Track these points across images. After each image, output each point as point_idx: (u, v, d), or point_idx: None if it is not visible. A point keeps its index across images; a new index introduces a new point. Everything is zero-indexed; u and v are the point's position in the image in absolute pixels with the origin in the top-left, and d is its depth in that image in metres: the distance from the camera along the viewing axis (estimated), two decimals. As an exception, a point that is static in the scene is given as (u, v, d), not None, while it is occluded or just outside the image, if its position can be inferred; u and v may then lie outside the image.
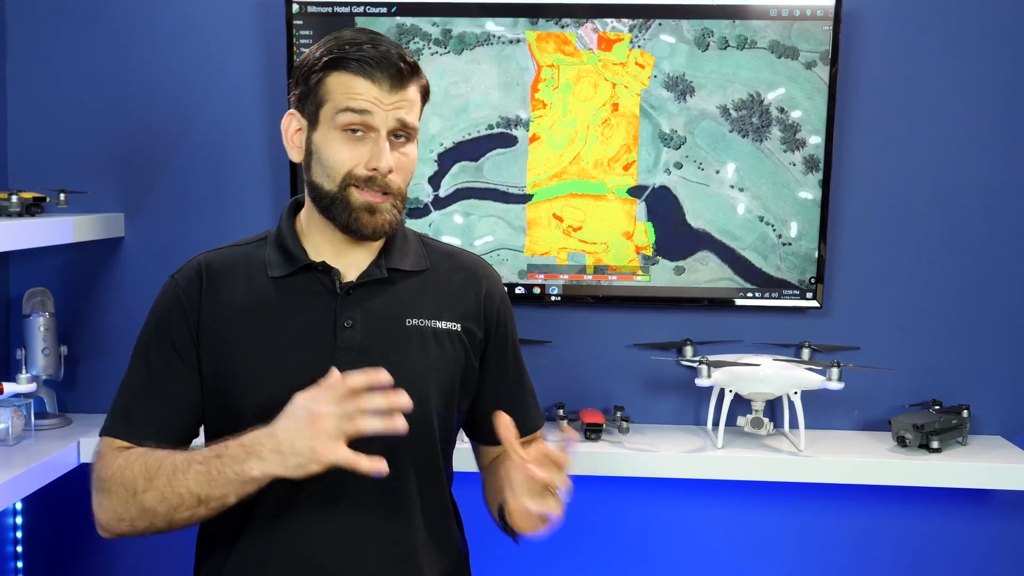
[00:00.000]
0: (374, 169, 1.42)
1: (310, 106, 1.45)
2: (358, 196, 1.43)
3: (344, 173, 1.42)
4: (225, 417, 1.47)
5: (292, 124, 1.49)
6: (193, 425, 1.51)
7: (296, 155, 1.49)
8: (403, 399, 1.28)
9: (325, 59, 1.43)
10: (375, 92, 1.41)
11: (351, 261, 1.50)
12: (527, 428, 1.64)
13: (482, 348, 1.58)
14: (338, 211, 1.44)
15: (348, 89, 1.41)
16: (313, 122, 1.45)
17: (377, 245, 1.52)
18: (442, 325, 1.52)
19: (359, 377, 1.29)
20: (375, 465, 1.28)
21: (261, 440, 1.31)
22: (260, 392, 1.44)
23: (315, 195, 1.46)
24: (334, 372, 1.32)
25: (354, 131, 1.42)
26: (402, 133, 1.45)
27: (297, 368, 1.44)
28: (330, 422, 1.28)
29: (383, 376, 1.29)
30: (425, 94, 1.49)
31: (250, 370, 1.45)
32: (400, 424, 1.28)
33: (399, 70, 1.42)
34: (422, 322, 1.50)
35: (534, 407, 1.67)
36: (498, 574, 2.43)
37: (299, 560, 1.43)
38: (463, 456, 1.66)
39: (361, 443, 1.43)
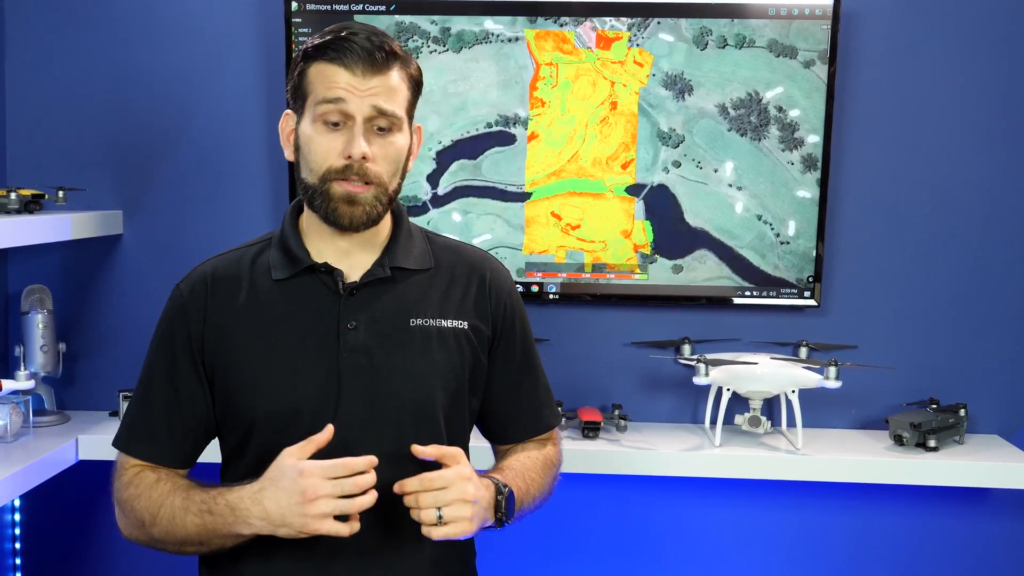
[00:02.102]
0: (348, 156, 1.40)
1: (298, 100, 1.45)
2: (338, 188, 1.41)
3: (325, 168, 1.41)
4: (237, 424, 1.47)
5: (288, 124, 1.49)
6: (199, 437, 1.51)
7: (289, 154, 1.49)
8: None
9: (306, 50, 1.44)
10: (349, 79, 1.40)
11: (354, 261, 1.49)
12: (539, 428, 1.64)
13: (490, 345, 1.57)
14: (319, 203, 1.43)
15: (325, 78, 1.41)
16: (300, 116, 1.45)
17: (381, 243, 1.51)
18: (448, 324, 1.51)
19: (360, 461, 1.33)
20: (352, 529, 1.33)
21: (248, 507, 1.34)
22: (267, 398, 1.44)
23: (303, 190, 1.46)
24: (329, 431, 1.36)
25: (335, 124, 1.41)
26: (383, 122, 1.43)
27: (302, 373, 1.44)
28: (326, 505, 1.31)
29: (372, 461, 1.34)
30: (415, 84, 1.47)
31: (256, 377, 1.45)
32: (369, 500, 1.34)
33: (372, 56, 1.40)
34: (427, 322, 1.49)
35: (548, 405, 1.65)
36: (497, 571, 2.43)
37: (306, 563, 1.43)
38: (480, 454, 1.66)
39: (365, 439, 1.44)
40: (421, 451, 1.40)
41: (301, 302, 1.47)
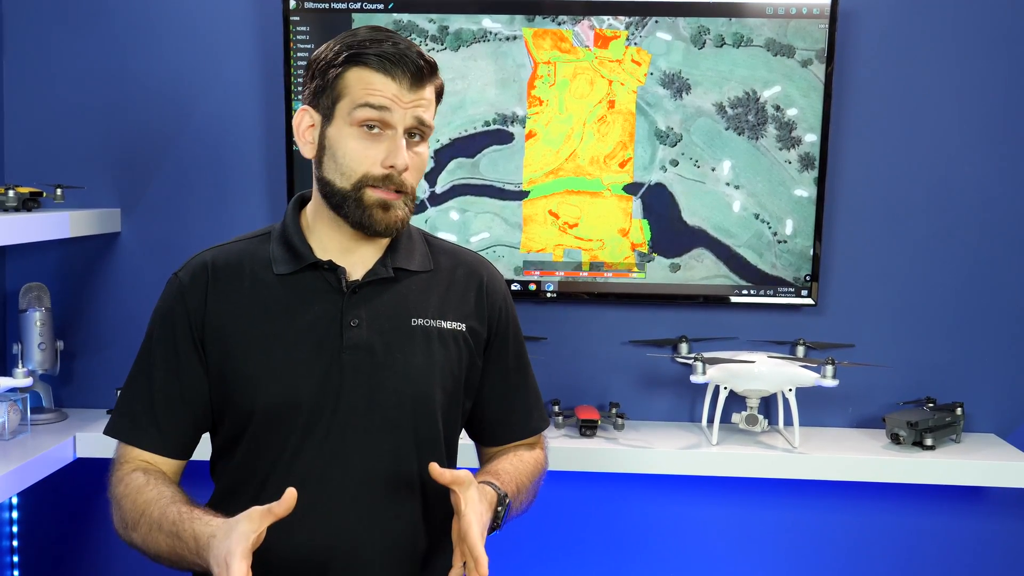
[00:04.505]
0: (391, 167, 1.41)
1: (326, 100, 1.44)
2: (372, 194, 1.42)
3: (361, 174, 1.42)
4: (233, 416, 1.47)
5: (304, 120, 1.48)
6: (200, 425, 1.51)
7: (308, 151, 1.48)
8: None
9: (345, 54, 1.42)
10: (394, 89, 1.41)
11: (357, 259, 1.50)
12: (527, 431, 1.65)
13: (485, 347, 1.58)
14: (350, 208, 1.43)
15: (367, 85, 1.41)
16: (328, 117, 1.44)
17: (383, 243, 1.52)
18: (447, 325, 1.52)
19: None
20: None
21: (204, 546, 1.30)
22: (266, 392, 1.44)
23: (326, 191, 1.45)
24: (289, 501, 1.27)
25: (371, 127, 1.41)
26: (417, 132, 1.44)
27: (303, 367, 1.44)
28: None
29: None
30: (439, 95, 1.49)
31: (255, 369, 1.45)
32: None
33: (419, 68, 1.42)
34: (427, 322, 1.50)
35: (537, 409, 1.66)
36: (495, 570, 2.43)
37: (303, 558, 1.43)
38: (466, 452, 1.66)
39: (364, 435, 1.45)
40: (439, 474, 1.37)
41: (303, 297, 1.48)
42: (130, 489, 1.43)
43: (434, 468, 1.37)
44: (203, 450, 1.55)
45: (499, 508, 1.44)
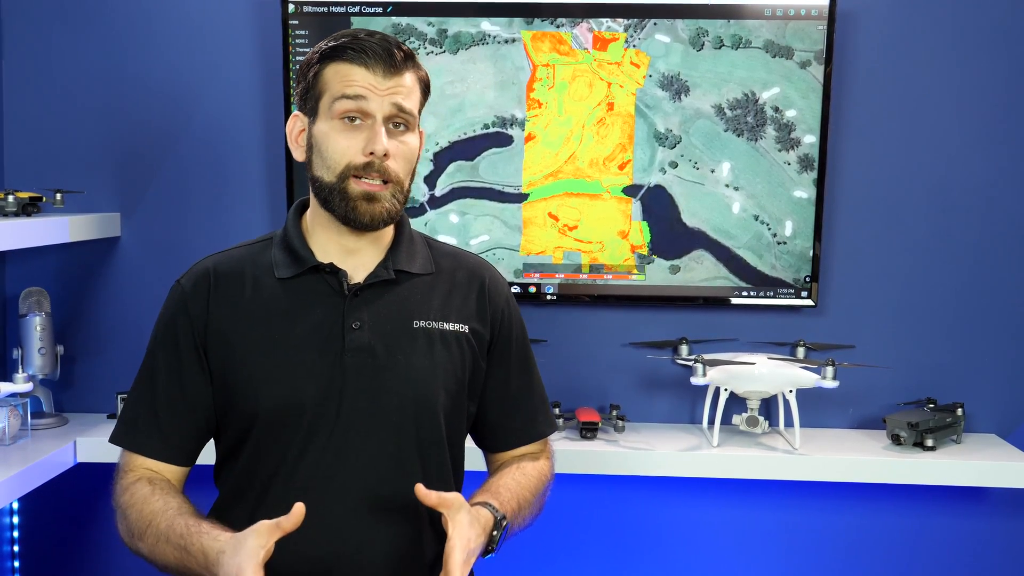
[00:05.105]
0: (371, 153, 1.42)
1: (310, 100, 1.46)
2: (356, 186, 1.43)
3: (344, 165, 1.43)
4: (236, 420, 1.47)
5: (296, 125, 1.50)
6: (204, 431, 1.51)
7: (299, 154, 1.50)
8: None
9: (322, 51, 1.45)
10: (369, 78, 1.42)
11: (358, 262, 1.50)
12: (532, 435, 1.64)
13: (488, 349, 1.58)
14: (337, 202, 1.44)
15: (343, 77, 1.43)
16: (313, 115, 1.46)
17: (384, 246, 1.53)
18: (449, 327, 1.52)
19: None
20: None
21: (214, 561, 1.30)
22: (269, 395, 1.44)
23: (316, 188, 1.47)
24: (298, 515, 1.30)
25: (351, 119, 1.43)
26: (400, 121, 1.45)
27: (305, 370, 1.45)
28: None
29: None
30: (425, 87, 1.50)
31: (258, 373, 1.45)
32: None
33: (392, 56, 1.43)
34: (429, 324, 1.50)
35: (543, 413, 1.65)
36: (495, 571, 2.43)
37: (306, 559, 1.43)
38: (472, 455, 1.66)
39: (367, 438, 1.45)
40: (424, 495, 1.36)
41: (305, 300, 1.48)
42: (135, 499, 1.43)
43: (419, 489, 1.36)
44: (206, 454, 1.56)
45: (495, 532, 1.42)
